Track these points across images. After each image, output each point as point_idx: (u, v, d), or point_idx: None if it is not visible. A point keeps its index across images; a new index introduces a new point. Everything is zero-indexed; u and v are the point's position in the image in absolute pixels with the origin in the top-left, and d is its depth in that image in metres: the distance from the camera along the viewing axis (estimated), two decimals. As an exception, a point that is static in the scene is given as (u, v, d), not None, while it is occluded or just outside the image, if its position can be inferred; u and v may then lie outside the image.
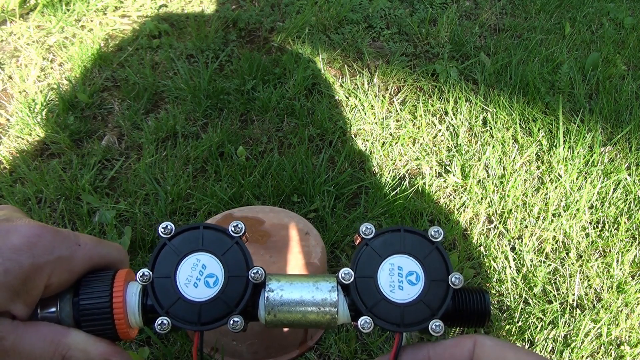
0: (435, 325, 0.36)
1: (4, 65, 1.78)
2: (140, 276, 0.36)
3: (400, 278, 0.37)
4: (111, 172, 1.44)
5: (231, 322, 0.36)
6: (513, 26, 2.07)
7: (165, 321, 0.36)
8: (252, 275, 0.37)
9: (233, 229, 0.38)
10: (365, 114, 1.66)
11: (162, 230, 0.38)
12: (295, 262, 1.03)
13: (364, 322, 0.36)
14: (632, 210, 1.45)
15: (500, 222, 1.39)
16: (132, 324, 0.37)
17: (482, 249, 1.33)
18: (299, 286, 0.38)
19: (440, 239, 0.38)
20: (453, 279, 0.37)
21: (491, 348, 0.32)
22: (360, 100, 1.70)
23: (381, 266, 0.37)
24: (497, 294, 1.25)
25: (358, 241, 0.39)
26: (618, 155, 1.60)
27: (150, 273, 0.36)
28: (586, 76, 1.84)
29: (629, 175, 1.53)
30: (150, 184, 1.40)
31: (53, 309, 0.35)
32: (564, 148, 1.59)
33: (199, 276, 0.36)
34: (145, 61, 1.80)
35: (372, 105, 1.69)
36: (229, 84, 1.69)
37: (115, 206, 1.35)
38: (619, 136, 1.63)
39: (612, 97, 1.76)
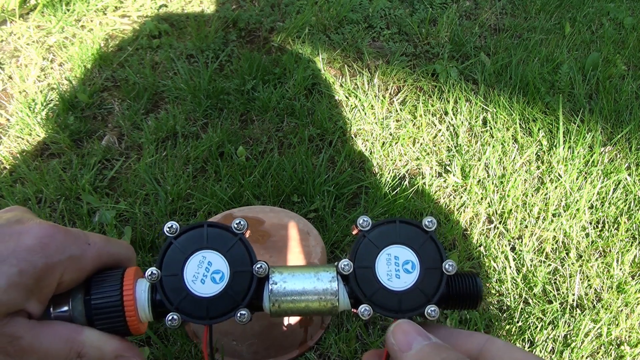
0: (431, 310, 0.38)
1: (4, 65, 1.78)
2: (149, 275, 0.37)
3: (397, 267, 0.38)
4: (111, 172, 1.44)
5: (238, 315, 0.38)
6: (513, 26, 2.07)
7: (175, 317, 0.37)
8: (257, 269, 0.38)
9: (236, 226, 0.39)
10: (365, 114, 1.66)
11: (168, 229, 0.39)
12: (295, 262, 1.03)
13: (364, 309, 0.38)
14: (632, 210, 1.45)
15: (500, 222, 1.39)
16: (143, 319, 0.38)
17: (482, 249, 1.33)
18: (301, 277, 0.39)
19: (433, 228, 0.39)
20: (447, 266, 0.39)
21: (502, 345, 0.33)
22: (360, 100, 1.70)
23: (378, 256, 0.39)
24: (497, 294, 1.25)
25: (355, 232, 0.40)
26: (618, 155, 1.60)
27: (159, 272, 0.37)
28: (586, 76, 1.84)
29: (629, 175, 1.53)
30: (150, 184, 1.40)
31: (65, 308, 0.36)
32: (564, 148, 1.59)
33: (205, 273, 0.38)
34: (145, 61, 1.80)
35: (372, 105, 1.69)
36: (229, 84, 1.69)
37: (115, 206, 1.35)
38: (619, 136, 1.63)
39: (612, 97, 1.76)
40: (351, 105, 1.69)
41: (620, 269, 1.31)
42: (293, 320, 1.05)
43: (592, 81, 1.83)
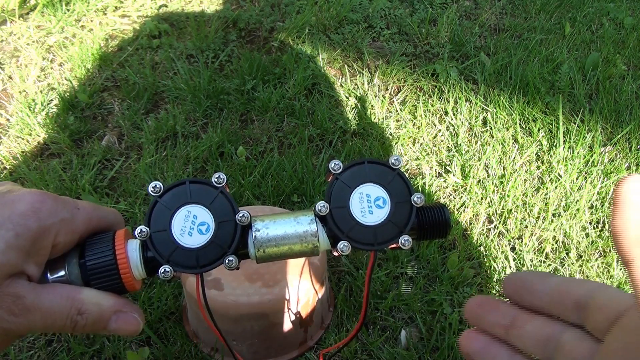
0: (404, 240, 0.40)
1: (4, 65, 1.78)
2: (139, 233, 0.39)
3: (369, 204, 0.41)
4: (111, 172, 1.44)
5: (226, 261, 0.39)
6: (513, 26, 2.07)
7: (167, 269, 0.39)
8: (239, 218, 0.40)
9: (216, 180, 0.41)
10: (365, 114, 1.66)
11: (152, 189, 0.40)
12: (295, 261, 1.03)
13: (343, 245, 0.40)
14: (632, 210, 1.44)
15: (500, 222, 1.39)
16: (137, 276, 0.40)
17: (482, 249, 1.33)
18: (282, 222, 0.41)
19: (399, 166, 0.42)
20: (415, 199, 0.41)
21: (614, 291, 0.32)
22: (360, 100, 1.70)
23: (352, 196, 0.41)
24: (497, 294, 1.25)
25: (330, 178, 0.42)
26: (618, 155, 1.60)
27: (148, 229, 0.39)
28: (586, 76, 1.84)
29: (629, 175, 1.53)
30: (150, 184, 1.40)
31: (62, 273, 0.38)
32: (564, 148, 1.59)
33: (192, 226, 0.40)
34: (145, 61, 1.80)
35: (372, 105, 1.69)
36: (229, 84, 1.70)
37: (115, 206, 1.35)
38: (619, 136, 1.63)
39: (612, 97, 1.76)
40: (351, 105, 1.69)
41: (620, 269, 1.31)
42: (293, 320, 1.05)
43: (592, 81, 1.83)
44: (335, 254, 0.41)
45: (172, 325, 1.13)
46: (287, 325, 1.05)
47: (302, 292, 1.03)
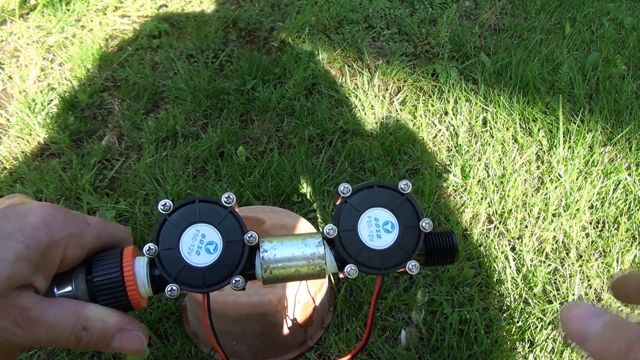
0: (412, 265, 0.40)
1: (4, 65, 1.78)
2: (147, 250, 0.40)
3: (377, 228, 0.41)
4: (111, 172, 1.44)
5: (233, 281, 0.40)
6: (513, 26, 2.07)
7: (174, 287, 0.39)
8: (247, 238, 0.40)
9: (225, 199, 0.41)
10: (365, 114, 1.66)
11: (162, 207, 0.41)
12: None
13: (350, 269, 0.40)
14: (632, 210, 1.45)
15: (500, 222, 1.39)
16: (143, 294, 0.40)
17: (482, 249, 1.33)
18: (290, 244, 0.42)
19: (409, 191, 0.42)
20: (424, 224, 0.41)
21: None
22: (360, 100, 1.70)
23: (360, 219, 0.41)
24: (497, 294, 1.25)
25: (339, 201, 0.43)
26: (618, 155, 1.60)
27: (156, 247, 0.40)
28: (586, 76, 1.84)
29: (629, 175, 1.53)
30: (150, 184, 1.40)
31: (69, 288, 0.38)
32: (564, 148, 1.59)
33: (200, 245, 0.40)
34: (145, 61, 1.80)
35: (372, 105, 1.69)
36: (229, 84, 1.70)
37: (115, 206, 1.35)
38: (619, 136, 1.63)
39: (612, 97, 1.76)
40: (351, 105, 1.69)
41: (621, 269, 1.31)
42: (293, 320, 1.05)
43: (592, 81, 1.83)
44: (342, 276, 0.41)
45: (172, 325, 1.13)
46: (287, 326, 1.05)
47: (302, 292, 1.03)
